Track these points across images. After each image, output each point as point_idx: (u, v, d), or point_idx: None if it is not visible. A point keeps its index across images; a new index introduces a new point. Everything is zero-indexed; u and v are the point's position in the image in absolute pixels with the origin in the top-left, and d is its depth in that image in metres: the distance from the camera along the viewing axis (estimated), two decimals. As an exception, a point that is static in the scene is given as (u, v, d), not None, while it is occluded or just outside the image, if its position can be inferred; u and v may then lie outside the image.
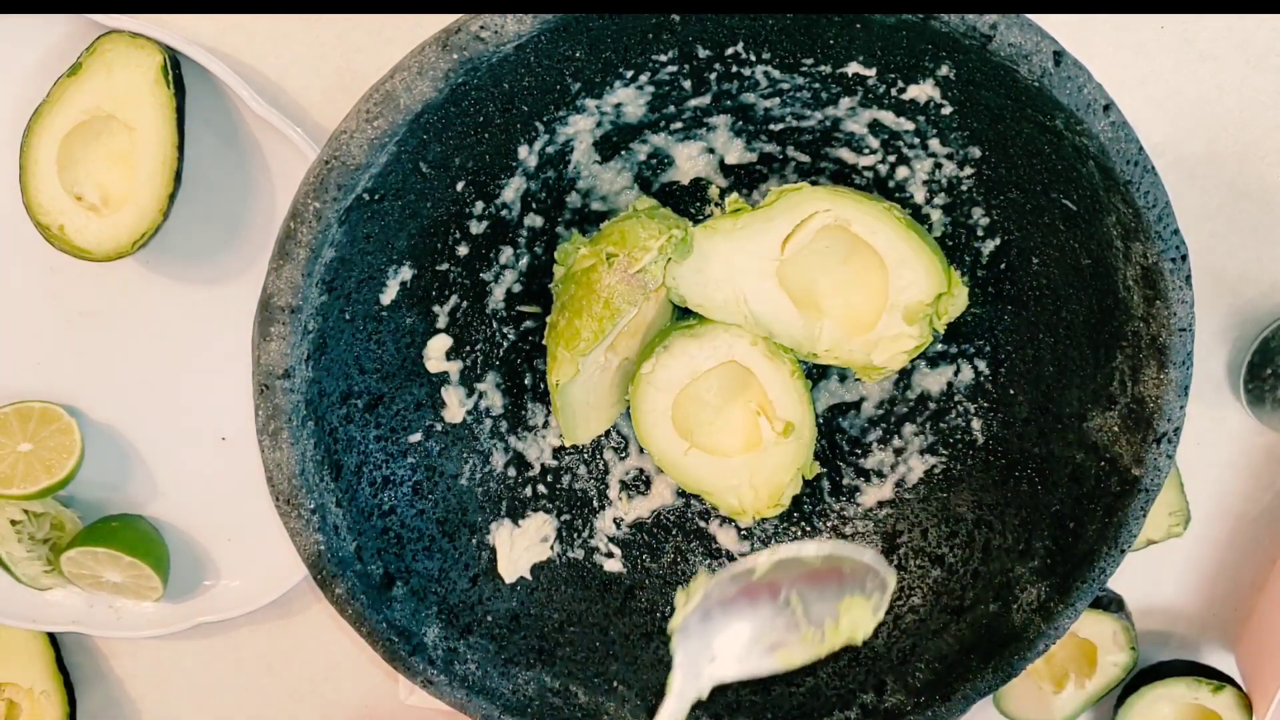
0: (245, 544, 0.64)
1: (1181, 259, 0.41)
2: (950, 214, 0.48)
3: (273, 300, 0.42)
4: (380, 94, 0.39)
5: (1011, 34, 0.38)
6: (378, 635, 0.46)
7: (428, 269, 0.47)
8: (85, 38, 0.53)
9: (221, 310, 0.59)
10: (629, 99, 0.45)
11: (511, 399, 0.52)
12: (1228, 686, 0.62)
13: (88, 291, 0.59)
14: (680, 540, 0.54)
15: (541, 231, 0.49)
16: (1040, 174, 0.44)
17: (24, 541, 0.60)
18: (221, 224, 0.57)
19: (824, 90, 0.44)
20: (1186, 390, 0.43)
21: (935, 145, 0.46)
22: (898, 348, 0.46)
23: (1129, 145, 0.39)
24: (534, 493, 0.53)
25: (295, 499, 0.44)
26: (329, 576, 0.45)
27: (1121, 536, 0.45)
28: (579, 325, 0.46)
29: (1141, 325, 0.43)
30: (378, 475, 0.48)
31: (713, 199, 0.50)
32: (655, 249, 0.45)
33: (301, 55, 0.55)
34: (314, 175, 0.40)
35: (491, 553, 0.52)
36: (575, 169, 0.48)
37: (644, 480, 0.55)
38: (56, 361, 0.60)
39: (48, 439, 0.59)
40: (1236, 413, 0.60)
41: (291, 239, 0.41)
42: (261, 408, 0.43)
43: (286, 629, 0.67)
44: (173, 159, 0.53)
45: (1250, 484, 0.61)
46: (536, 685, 0.50)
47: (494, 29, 0.38)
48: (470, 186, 0.46)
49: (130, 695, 0.69)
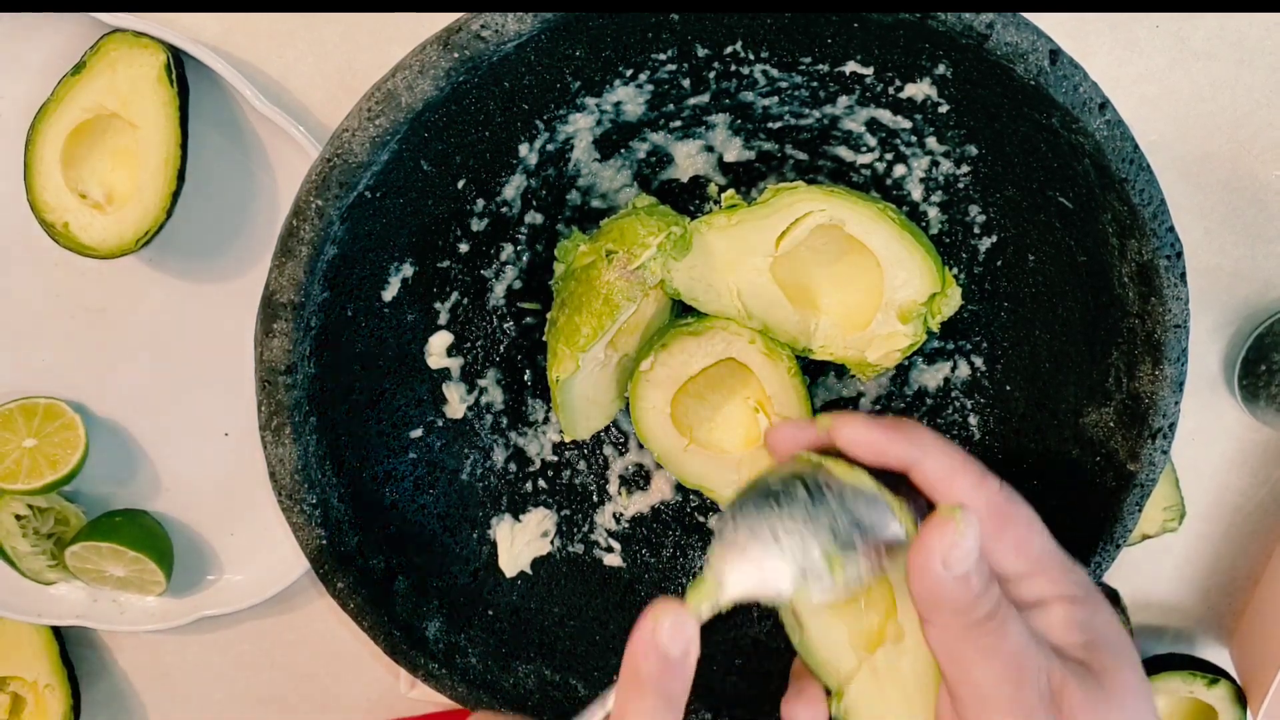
0: (248, 539, 0.64)
1: (1176, 256, 0.41)
2: (947, 211, 0.48)
3: (275, 297, 0.42)
4: (382, 92, 0.39)
5: (1008, 33, 0.38)
6: (379, 629, 0.47)
7: (429, 266, 0.47)
8: (89, 37, 0.53)
9: (224, 307, 0.59)
10: (628, 97, 0.45)
11: (512, 395, 0.53)
12: (1223, 680, 0.62)
13: (92, 288, 0.59)
14: (680, 535, 0.55)
15: (542, 229, 0.50)
16: (1036, 172, 0.44)
17: (28, 536, 0.61)
18: (224, 221, 0.58)
19: (822, 89, 0.45)
20: (1181, 386, 0.43)
21: (932, 143, 0.46)
22: (892, 346, 0.47)
23: (1124, 143, 0.40)
24: (534, 488, 0.53)
25: (297, 494, 0.44)
26: (331, 571, 0.46)
27: (1117, 531, 0.45)
28: (579, 322, 0.46)
29: (1137, 322, 0.43)
30: (379, 470, 0.48)
31: (712, 196, 0.50)
32: (654, 246, 0.45)
33: (304, 54, 0.55)
34: (316, 173, 0.40)
35: (492, 547, 0.52)
36: (575, 167, 0.48)
37: (643, 476, 0.55)
38: (61, 358, 0.60)
39: (52, 435, 0.59)
40: (1231, 408, 0.60)
41: (294, 236, 0.41)
42: (264, 403, 0.43)
43: (289, 623, 0.67)
44: (176, 157, 0.54)
45: (1245, 479, 0.61)
46: (537, 679, 0.51)
47: (495, 28, 0.39)
48: (471, 184, 0.46)
49: (134, 688, 0.69)
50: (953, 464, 0.37)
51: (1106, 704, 0.34)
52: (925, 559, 0.33)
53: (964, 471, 0.37)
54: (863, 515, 0.36)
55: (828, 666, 0.41)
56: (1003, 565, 0.36)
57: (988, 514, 0.36)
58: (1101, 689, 0.34)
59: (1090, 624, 0.36)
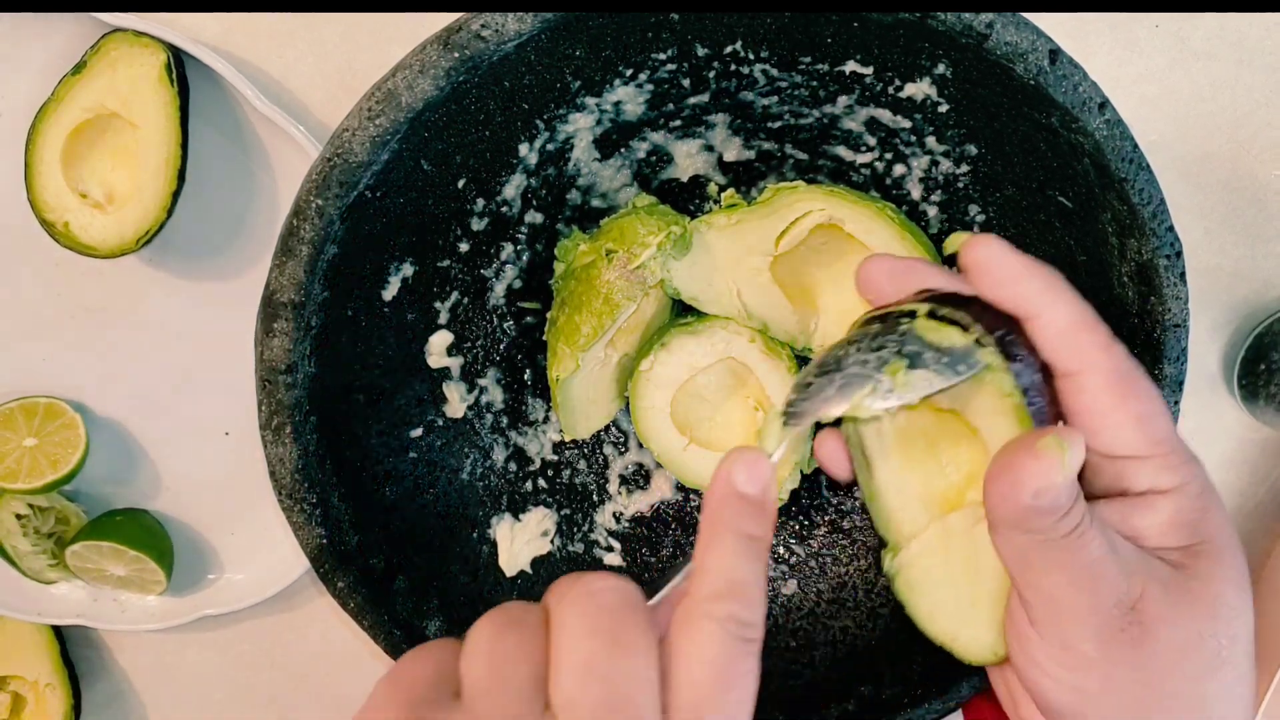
0: (248, 538, 0.64)
1: (1176, 256, 0.41)
2: (947, 211, 0.48)
3: (275, 296, 0.42)
4: (382, 92, 0.39)
5: (1008, 32, 0.38)
6: (380, 628, 0.47)
7: (429, 265, 0.47)
8: (90, 36, 0.53)
9: (225, 306, 0.59)
10: (628, 97, 0.45)
11: (512, 394, 0.53)
12: (1222, 680, 0.62)
13: (92, 288, 0.59)
14: (679, 534, 0.55)
15: (542, 228, 0.50)
16: (1036, 171, 0.44)
17: (29, 536, 0.61)
18: (225, 221, 0.58)
19: (821, 88, 0.45)
20: (1181, 386, 0.43)
21: (932, 143, 0.46)
22: (892, 344, 0.47)
23: (1124, 143, 0.40)
24: (534, 487, 0.53)
25: (298, 493, 0.45)
26: (331, 570, 0.46)
27: (1116, 530, 0.45)
28: (579, 321, 0.46)
29: (1136, 321, 0.43)
30: (379, 470, 0.48)
31: (712, 196, 0.50)
32: (654, 245, 0.45)
33: (304, 54, 0.56)
34: (316, 172, 0.40)
35: (492, 547, 0.52)
36: (575, 166, 0.48)
37: (643, 475, 0.55)
38: (61, 357, 0.60)
39: (53, 434, 0.59)
40: (1231, 408, 0.60)
41: (294, 236, 0.41)
42: (264, 403, 0.43)
43: (289, 622, 0.67)
44: (176, 156, 0.54)
45: (1244, 479, 0.61)
46: (537, 678, 0.51)
47: (495, 27, 0.39)
48: (471, 184, 0.46)
49: (134, 687, 0.69)
50: (1083, 318, 0.33)
51: (1191, 615, 0.31)
52: (1012, 488, 0.30)
53: (1092, 329, 0.33)
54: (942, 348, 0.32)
55: (894, 518, 0.36)
56: (1117, 441, 0.33)
57: (1111, 381, 0.32)
58: (1188, 598, 0.31)
59: (1198, 527, 0.32)
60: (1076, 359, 0.33)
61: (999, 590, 0.34)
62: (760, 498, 0.31)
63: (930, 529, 0.36)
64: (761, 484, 0.31)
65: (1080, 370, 0.33)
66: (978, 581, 0.35)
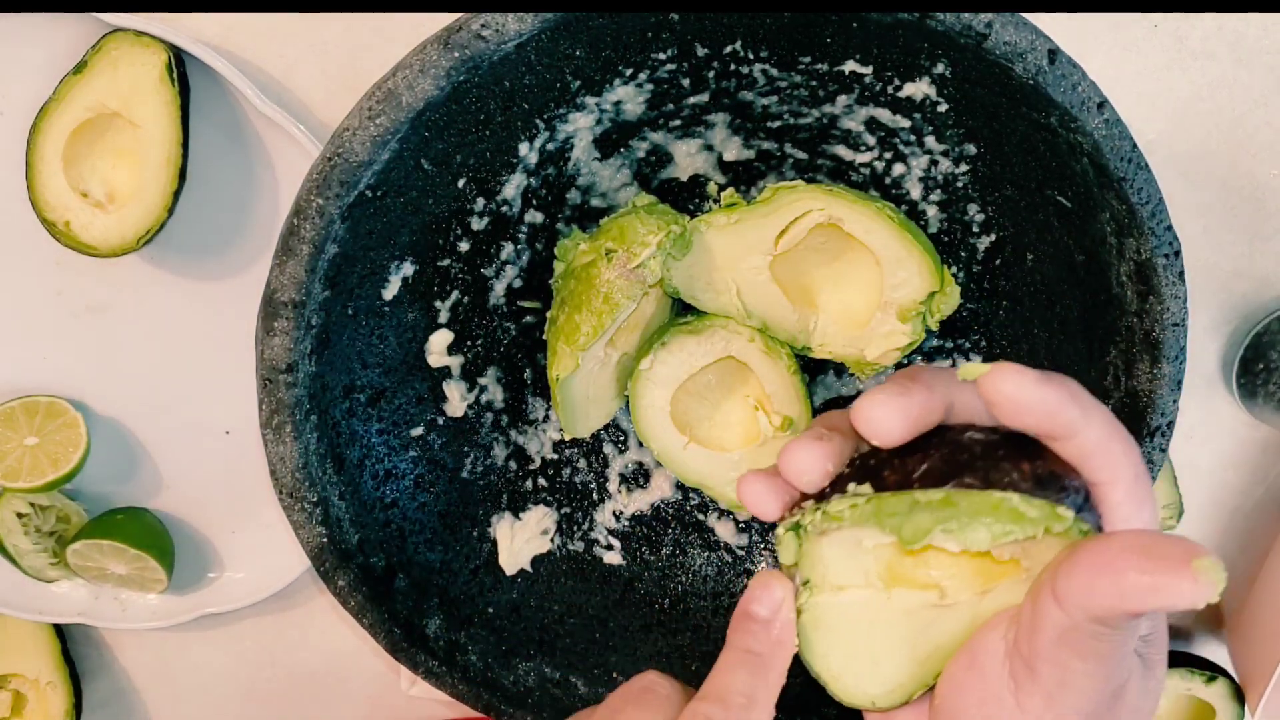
0: (249, 537, 0.64)
1: (1175, 255, 0.41)
2: (946, 210, 0.48)
3: (276, 295, 0.42)
4: (382, 92, 0.40)
5: (1007, 32, 0.38)
6: (380, 627, 0.47)
7: (429, 265, 0.47)
8: (91, 36, 0.53)
9: (225, 305, 0.59)
10: (628, 97, 0.45)
11: (512, 393, 0.53)
12: (1220, 677, 0.62)
13: (93, 287, 0.59)
14: (679, 533, 0.55)
15: (542, 228, 0.50)
16: (1035, 171, 0.44)
17: (30, 534, 0.61)
18: (225, 220, 0.58)
19: (821, 88, 0.45)
20: (1179, 385, 0.43)
21: (931, 142, 0.46)
22: (891, 344, 0.47)
23: (1122, 142, 0.40)
24: (534, 486, 0.54)
25: (298, 492, 0.45)
26: (332, 569, 0.46)
27: (1114, 529, 0.45)
28: (578, 320, 0.46)
29: (1135, 320, 0.43)
30: (380, 469, 0.48)
31: (711, 195, 0.50)
32: (654, 244, 0.45)
33: (305, 53, 0.56)
34: (317, 172, 0.41)
35: (492, 545, 0.52)
36: (575, 166, 0.48)
37: (643, 474, 0.55)
38: (62, 356, 0.61)
39: (54, 433, 0.59)
40: (1229, 407, 0.60)
41: (295, 235, 0.41)
42: (265, 402, 0.43)
43: (289, 620, 0.67)
44: (177, 156, 0.54)
45: (1243, 477, 0.61)
46: (537, 676, 0.51)
47: (495, 27, 0.39)
48: (471, 183, 0.46)
49: (135, 686, 0.70)
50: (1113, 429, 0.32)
51: (1151, 704, 0.34)
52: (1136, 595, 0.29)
53: (1120, 437, 0.32)
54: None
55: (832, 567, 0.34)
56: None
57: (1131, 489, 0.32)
58: (1151, 685, 0.33)
59: (1156, 618, 0.34)
60: (1109, 471, 0.33)
61: (920, 668, 0.34)
62: (768, 618, 0.34)
63: (867, 592, 0.34)
64: (771, 608, 0.34)
65: (1111, 481, 0.33)
66: (899, 655, 0.34)
